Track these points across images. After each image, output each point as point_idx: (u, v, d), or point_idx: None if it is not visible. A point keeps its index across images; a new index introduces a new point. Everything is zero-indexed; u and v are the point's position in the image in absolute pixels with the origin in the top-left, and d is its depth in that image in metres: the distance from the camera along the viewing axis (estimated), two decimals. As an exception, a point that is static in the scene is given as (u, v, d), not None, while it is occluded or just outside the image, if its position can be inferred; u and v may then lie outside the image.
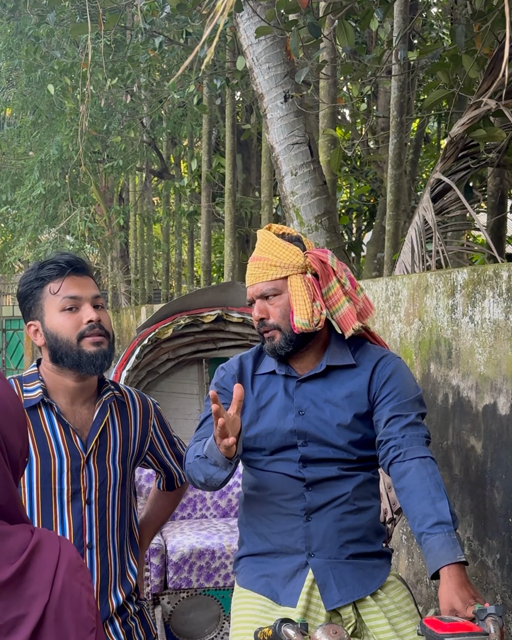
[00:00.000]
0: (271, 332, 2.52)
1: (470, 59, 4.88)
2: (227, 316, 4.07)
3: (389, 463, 2.42)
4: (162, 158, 13.49)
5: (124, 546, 2.54)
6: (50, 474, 2.39)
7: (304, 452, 2.52)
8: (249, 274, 2.56)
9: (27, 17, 9.43)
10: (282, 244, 2.51)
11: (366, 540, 2.54)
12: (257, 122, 11.07)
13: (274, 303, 2.51)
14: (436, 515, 2.25)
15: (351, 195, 13.75)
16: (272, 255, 2.50)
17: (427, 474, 2.34)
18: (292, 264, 2.49)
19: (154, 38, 8.27)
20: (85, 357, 2.39)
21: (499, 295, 3.56)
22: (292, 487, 2.52)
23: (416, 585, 4.35)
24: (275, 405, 2.57)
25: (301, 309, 2.46)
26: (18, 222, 12.73)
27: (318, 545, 2.49)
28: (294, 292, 2.48)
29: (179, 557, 3.40)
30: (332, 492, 2.51)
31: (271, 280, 2.50)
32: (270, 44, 6.00)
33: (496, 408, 3.63)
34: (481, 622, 2.04)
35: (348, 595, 2.44)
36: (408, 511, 2.33)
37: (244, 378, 2.64)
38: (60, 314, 2.40)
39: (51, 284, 2.41)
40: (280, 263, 2.49)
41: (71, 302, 2.41)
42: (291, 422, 2.53)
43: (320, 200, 6.14)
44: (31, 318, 2.45)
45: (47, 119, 11.04)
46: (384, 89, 9.13)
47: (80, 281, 2.44)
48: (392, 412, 2.47)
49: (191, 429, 4.25)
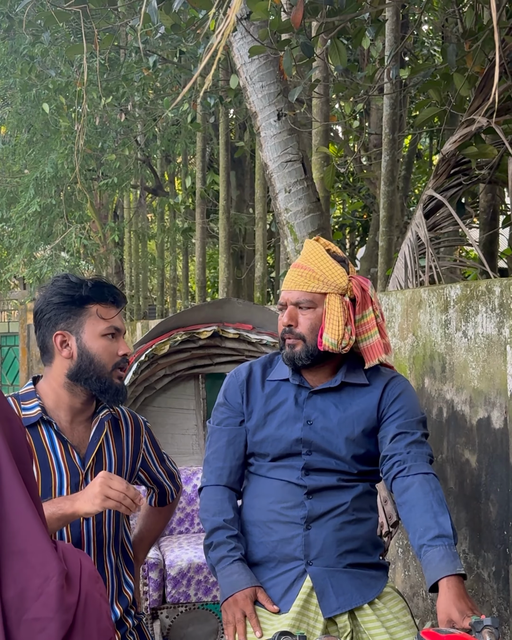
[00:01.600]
0: (294, 341, 2.55)
1: (461, 77, 4.95)
2: (223, 332, 4.11)
3: (393, 477, 2.46)
4: (157, 175, 13.56)
5: (118, 561, 2.57)
6: (50, 489, 2.40)
7: (308, 460, 2.56)
8: (290, 279, 2.56)
9: (21, 36, 9.50)
10: (330, 261, 2.53)
11: (363, 551, 2.57)
12: (250, 139, 11.13)
13: (306, 314, 2.53)
14: (437, 529, 2.28)
15: (344, 211, 13.83)
16: (318, 269, 2.51)
17: (430, 490, 2.39)
18: (335, 283, 2.51)
19: (147, 57, 8.35)
20: (114, 388, 2.45)
21: (492, 311, 3.60)
22: (293, 494, 2.55)
23: (413, 598, 4.37)
24: (283, 412, 2.60)
25: (332, 329, 2.49)
26: (13, 239, 12.76)
27: (317, 554, 2.51)
28: (330, 310, 2.50)
29: (177, 572, 3.42)
30: (333, 501, 2.54)
31: (310, 292, 2.52)
32: (263, 62, 6.06)
33: (490, 422, 3.66)
34: (477, 634, 2.06)
35: (346, 603, 2.46)
36: (409, 524, 2.36)
37: (254, 383, 2.67)
38: (102, 339, 2.43)
39: (99, 306, 2.44)
40: (324, 278, 2.50)
41: (113, 331, 2.46)
42: (298, 430, 2.56)
43: (314, 217, 6.19)
44: (61, 328, 2.43)
45: (42, 137, 11.10)
46: (376, 106, 9.22)
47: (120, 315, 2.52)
48: (398, 429, 2.52)
49: (188, 444, 4.28)
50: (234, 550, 2.48)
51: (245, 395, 2.66)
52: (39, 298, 2.51)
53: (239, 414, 2.67)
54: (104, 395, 2.45)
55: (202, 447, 4.29)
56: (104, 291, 2.46)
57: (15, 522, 1.71)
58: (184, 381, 4.34)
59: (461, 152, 4.93)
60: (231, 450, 2.66)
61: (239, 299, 4.34)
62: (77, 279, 2.48)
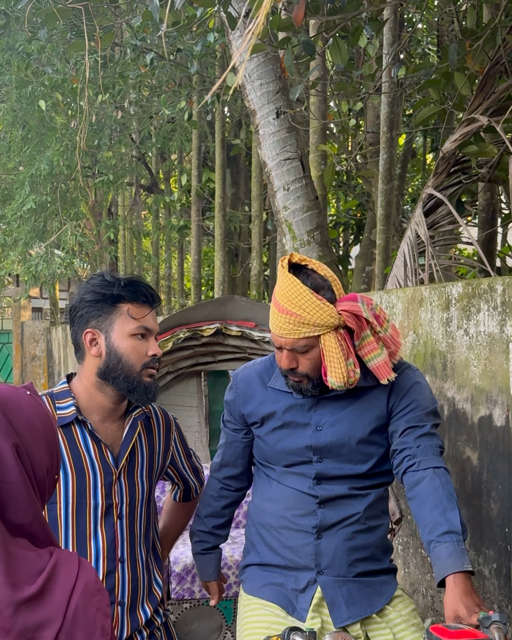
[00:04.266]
0: (299, 379, 2.49)
1: (462, 76, 4.97)
2: (226, 329, 4.12)
3: (403, 472, 2.46)
4: (152, 173, 13.55)
5: (149, 559, 2.59)
6: (85, 489, 2.43)
7: (319, 468, 2.54)
8: (277, 325, 2.44)
9: (17, 33, 9.49)
10: (315, 303, 2.38)
11: (374, 558, 2.57)
12: (246, 137, 11.15)
13: (305, 356, 2.45)
14: (446, 525, 2.28)
15: (338, 210, 13.84)
16: (305, 313, 2.38)
17: (440, 484, 2.38)
18: (326, 324, 2.40)
19: (144, 54, 8.34)
20: (143, 387, 2.45)
21: (494, 309, 3.62)
22: (304, 503, 2.54)
23: (413, 595, 4.39)
24: (291, 420, 2.57)
25: (335, 371, 2.41)
26: (8, 236, 12.75)
27: (328, 563, 2.51)
28: (328, 352, 2.42)
29: (181, 568, 3.43)
30: (345, 510, 2.53)
31: (302, 338, 2.42)
32: (262, 61, 6.07)
33: (491, 419, 3.68)
34: (485, 630, 2.07)
35: (356, 613, 2.46)
36: (419, 519, 2.37)
37: (256, 390, 2.64)
38: (130, 338, 2.42)
39: (130, 306, 2.43)
40: (313, 322, 2.39)
41: (143, 331, 2.44)
42: (308, 438, 2.54)
43: (312, 215, 6.21)
44: (92, 326, 2.44)
45: (37, 134, 11.09)
46: (372, 104, 9.23)
47: (153, 315, 2.50)
48: (408, 423, 2.50)
49: (191, 441, 4.29)
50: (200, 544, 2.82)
51: (246, 405, 2.65)
52: (74, 295, 2.51)
53: (239, 423, 2.70)
54: (132, 394, 2.45)
55: (205, 444, 4.30)
56: (137, 290, 2.45)
57: None
58: (187, 378, 4.35)
59: (461, 150, 4.95)
60: (229, 452, 2.74)
61: (242, 297, 4.35)
62: (112, 277, 2.47)
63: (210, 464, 2.85)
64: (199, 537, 2.82)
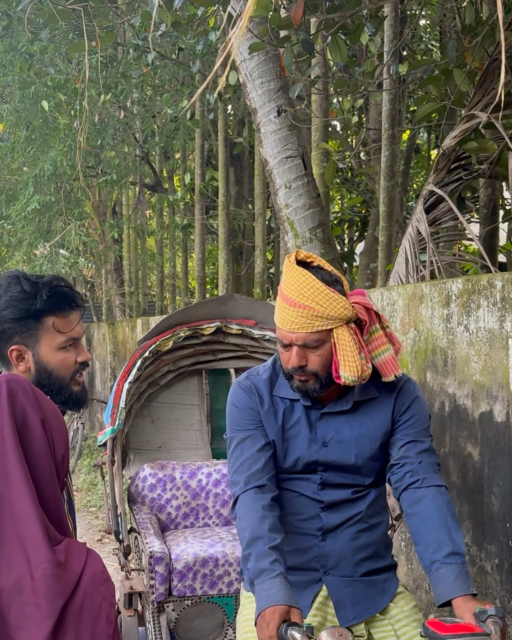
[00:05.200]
0: (306, 377, 2.43)
1: (461, 73, 4.97)
2: (226, 328, 4.13)
3: (405, 488, 2.45)
4: (155, 172, 13.56)
5: None
6: None
7: (325, 476, 2.53)
8: (288, 319, 2.37)
9: (20, 34, 9.50)
10: (328, 294, 2.33)
11: (377, 555, 2.58)
12: (249, 135, 11.16)
13: (316, 352, 2.39)
14: (451, 545, 2.29)
15: (342, 207, 13.84)
16: (319, 305, 2.33)
17: (444, 503, 2.39)
18: (340, 317, 2.35)
19: (146, 54, 8.36)
20: (74, 397, 2.42)
21: (494, 305, 3.62)
22: (307, 507, 2.53)
23: (416, 591, 4.40)
24: (297, 433, 2.53)
25: (349, 365, 2.36)
26: (13, 236, 12.78)
27: (333, 564, 2.52)
28: (342, 345, 2.36)
29: (183, 565, 3.45)
30: (347, 512, 2.53)
31: (315, 332, 2.36)
32: (263, 59, 6.08)
33: (492, 415, 3.69)
34: (481, 624, 2.08)
35: (361, 613, 2.48)
36: (421, 537, 2.36)
37: (265, 399, 2.57)
38: (59, 352, 2.35)
39: (55, 319, 2.33)
40: (327, 315, 2.34)
41: (71, 342, 2.38)
42: (315, 453, 2.51)
43: (314, 213, 6.21)
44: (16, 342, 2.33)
45: (40, 134, 11.11)
46: (374, 101, 9.23)
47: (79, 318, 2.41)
48: (408, 437, 2.50)
49: (192, 439, 4.31)
50: (275, 563, 2.25)
51: (258, 406, 2.56)
52: None
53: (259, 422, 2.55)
54: (65, 405, 2.41)
55: (206, 442, 4.31)
56: (61, 301, 2.34)
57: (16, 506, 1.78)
58: (188, 377, 4.36)
59: (461, 147, 4.95)
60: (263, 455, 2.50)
61: (242, 295, 4.36)
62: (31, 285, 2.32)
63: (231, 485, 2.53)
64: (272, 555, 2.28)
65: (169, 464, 4.02)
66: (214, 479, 4.02)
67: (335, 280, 2.40)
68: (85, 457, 11.27)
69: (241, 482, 2.44)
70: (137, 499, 3.95)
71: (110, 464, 3.59)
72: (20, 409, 1.91)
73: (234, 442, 2.53)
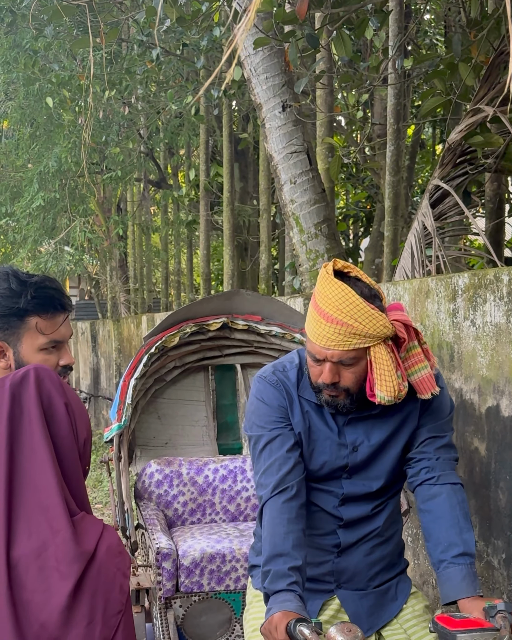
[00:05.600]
0: (336, 393, 2.35)
1: (466, 67, 4.95)
2: (232, 323, 4.13)
3: (419, 483, 2.43)
4: (160, 168, 13.55)
5: None
6: None
7: (347, 488, 2.47)
8: (324, 336, 2.27)
9: (24, 30, 9.49)
10: (368, 312, 2.23)
11: (391, 564, 2.57)
12: (253, 131, 11.13)
13: (350, 369, 2.31)
14: (462, 546, 2.28)
15: (347, 202, 13.82)
16: (357, 323, 2.23)
17: (458, 502, 2.37)
18: (379, 335, 2.25)
19: (150, 50, 8.34)
20: None
21: (500, 299, 3.61)
22: (325, 523, 2.49)
23: (422, 586, 4.39)
24: (325, 437, 2.46)
25: (386, 385, 2.27)
26: (18, 233, 12.77)
27: (347, 579, 2.50)
28: (378, 364, 2.27)
29: (190, 561, 3.44)
30: (365, 529, 2.50)
31: (351, 350, 2.27)
32: (267, 54, 6.07)
33: (498, 410, 3.68)
34: (491, 619, 2.08)
35: (375, 623, 2.48)
36: (432, 534, 2.35)
37: (293, 397, 2.48)
38: (40, 353, 2.33)
39: (38, 319, 2.31)
40: (365, 333, 2.24)
41: (53, 344, 2.36)
42: (344, 458, 2.45)
43: (319, 208, 6.20)
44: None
45: (45, 131, 11.09)
46: (379, 96, 9.20)
47: (65, 321, 2.38)
48: (430, 432, 2.46)
49: (199, 435, 4.30)
50: (293, 585, 2.18)
51: (287, 403, 2.47)
52: None
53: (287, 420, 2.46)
54: None
55: (213, 438, 4.31)
56: (46, 302, 2.32)
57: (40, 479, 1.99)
58: (194, 373, 4.36)
59: (466, 141, 4.93)
60: (292, 456, 2.40)
61: (248, 290, 4.35)
62: (19, 284, 2.31)
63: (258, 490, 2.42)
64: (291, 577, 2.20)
65: (175, 460, 4.02)
66: (221, 474, 4.02)
67: (374, 295, 2.29)
68: (91, 453, 11.27)
69: (270, 486, 2.35)
70: (144, 495, 3.95)
71: (117, 460, 3.59)
72: (47, 393, 2.05)
73: (261, 441, 2.43)
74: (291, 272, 8.64)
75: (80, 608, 1.87)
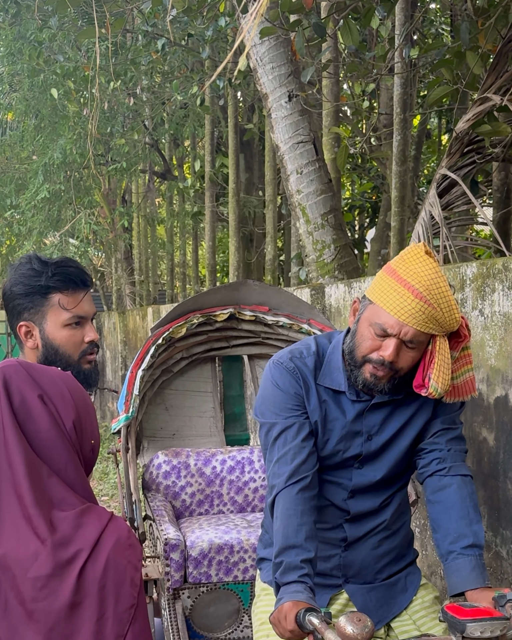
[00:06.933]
0: (386, 372, 2.32)
1: (474, 55, 4.92)
2: (239, 314, 4.11)
3: (430, 474, 2.42)
4: (165, 159, 13.54)
5: None
6: None
7: (357, 479, 2.45)
8: (407, 311, 2.24)
9: (29, 22, 9.48)
10: (453, 302, 2.25)
11: (399, 556, 2.56)
12: (259, 121, 11.11)
13: (411, 352, 2.30)
14: (471, 537, 2.27)
15: (353, 193, 13.80)
16: (442, 310, 2.23)
17: (468, 494, 2.36)
18: (449, 327, 2.28)
19: (155, 40, 8.31)
20: (83, 375, 2.45)
21: (509, 289, 3.60)
22: (333, 517, 2.48)
23: (431, 577, 4.39)
24: (343, 426, 2.43)
25: (443, 376, 2.28)
26: (23, 226, 12.77)
27: (355, 572, 2.49)
28: (441, 355, 2.28)
29: (198, 552, 3.44)
30: (371, 523, 2.49)
31: (425, 332, 2.26)
32: (273, 44, 6.05)
33: (507, 400, 3.67)
34: (500, 608, 2.07)
35: (385, 616, 2.47)
36: (441, 525, 2.34)
37: (310, 385, 2.44)
38: (65, 329, 2.42)
39: (61, 296, 2.41)
40: (443, 321, 2.25)
41: (77, 320, 2.45)
42: (359, 446, 2.44)
43: (326, 198, 6.19)
44: (25, 319, 2.42)
45: (50, 122, 11.08)
46: (385, 86, 9.17)
47: (87, 298, 2.48)
48: (442, 424, 2.45)
49: (206, 426, 4.29)
50: (304, 577, 2.16)
51: (303, 391, 2.43)
52: (5, 283, 2.46)
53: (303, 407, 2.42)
54: None
55: (220, 429, 4.30)
56: (67, 278, 2.41)
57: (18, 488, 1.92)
58: (201, 364, 4.34)
59: (474, 130, 4.90)
60: (307, 445, 2.37)
61: (255, 280, 4.33)
62: (40, 264, 2.41)
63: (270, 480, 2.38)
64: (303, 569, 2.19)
65: (183, 451, 4.01)
66: (229, 465, 4.01)
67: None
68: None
69: (284, 475, 2.31)
70: (152, 486, 3.94)
71: (125, 452, 3.58)
72: (17, 390, 2.00)
73: (275, 429, 2.38)
74: (297, 263, 8.63)
75: (88, 604, 1.83)
